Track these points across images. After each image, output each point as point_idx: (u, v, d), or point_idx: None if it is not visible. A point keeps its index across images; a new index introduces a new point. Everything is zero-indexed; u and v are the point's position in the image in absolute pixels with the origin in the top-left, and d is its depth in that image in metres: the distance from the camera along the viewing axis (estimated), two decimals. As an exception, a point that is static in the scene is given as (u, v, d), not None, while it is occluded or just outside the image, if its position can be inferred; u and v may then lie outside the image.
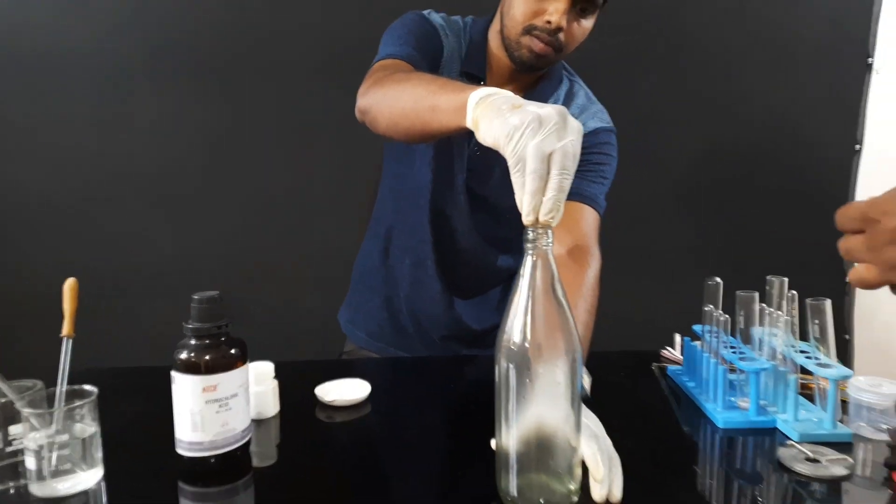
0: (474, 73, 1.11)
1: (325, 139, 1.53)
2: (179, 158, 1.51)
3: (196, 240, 1.53)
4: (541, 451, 0.61)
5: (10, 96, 1.45)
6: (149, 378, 0.96)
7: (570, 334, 0.60)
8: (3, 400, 0.67)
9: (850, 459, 0.71)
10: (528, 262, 0.60)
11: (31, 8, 1.43)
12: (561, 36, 1.02)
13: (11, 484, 0.68)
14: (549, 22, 1.00)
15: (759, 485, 0.70)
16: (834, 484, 0.68)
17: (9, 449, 0.68)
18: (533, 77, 1.12)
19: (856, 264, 0.58)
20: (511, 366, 0.60)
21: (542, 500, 0.61)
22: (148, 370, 0.96)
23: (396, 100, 0.86)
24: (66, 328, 0.70)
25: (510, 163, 0.60)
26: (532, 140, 0.58)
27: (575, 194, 1.09)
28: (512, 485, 0.61)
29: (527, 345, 0.59)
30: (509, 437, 0.61)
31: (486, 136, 0.64)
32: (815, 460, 0.71)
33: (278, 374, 0.87)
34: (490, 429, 0.64)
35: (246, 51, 1.49)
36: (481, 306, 1.22)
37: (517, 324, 0.60)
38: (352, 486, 0.70)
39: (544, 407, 0.60)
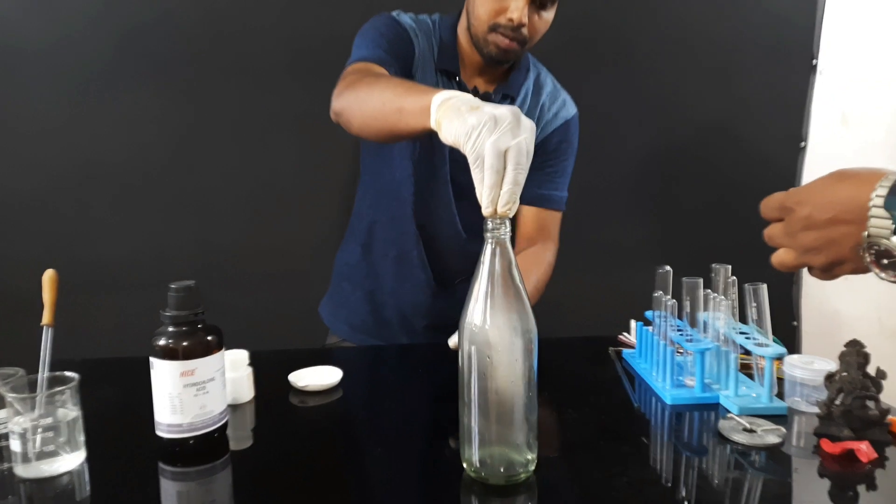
0: (449, 69, 1.17)
1: (296, 133, 1.56)
2: (153, 153, 1.52)
3: (169, 233, 1.55)
4: (500, 424, 0.66)
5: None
6: (126, 367, 0.99)
7: (526, 316, 0.65)
8: (-14, 387, 0.69)
9: (783, 430, 0.77)
10: (487, 249, 0.65)
11: (5, 6, 1.43)
12: (524, 30, 1.09)
13: (-5, 467, 0.70)
14: (511, 19, 1.07)
15: (701, 454, 0.76)
16: (769, 451, 0.75)
17: (-7, 433, 0.71)
18: (503, 68, 1.19)
19: (778, 249, 0.64)
20: (473, 347, 0.65)
21: (502, 469, 0.66)
22: (126, 360, 1.00)
23: (366, 102, 0.91)
24: (46, 317, 0.73)
25: (469, 159, 0.65)
26: (489, 138, 0.63)
27: (546, 201, 1.25)
28: (475, 456, 0.66)
29: (487, 326, 0.64)
30: (472, 413, 0.66)
31: (447, 136, 0.69)
32: (751, 430, 0.78)
33: (253, 362, 0.90)
34: (455, 410, 0.68)
35: (213, 46, 1.50)
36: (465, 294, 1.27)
37: (478, 307, 0.65)
38: (324, 466, 0.74)
39: (503, 384, 0.65)
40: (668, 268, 0.92)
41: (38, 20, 1.45)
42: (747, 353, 0.86)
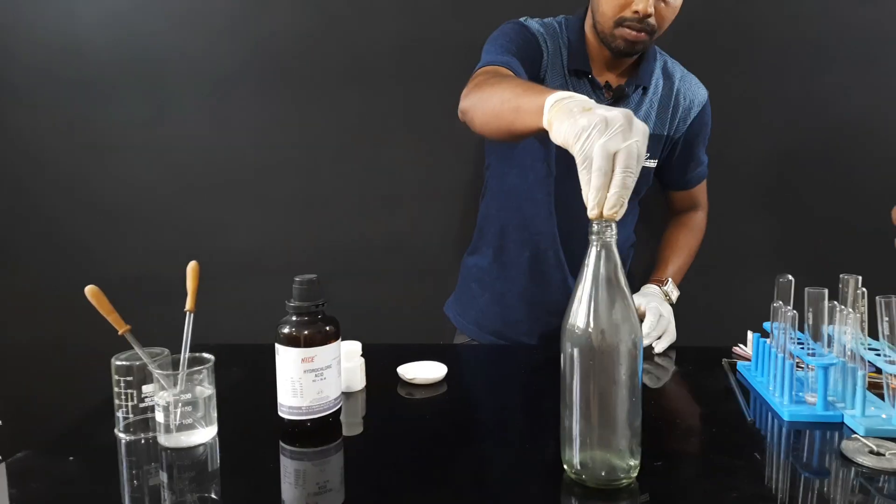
0: (580, 68, 1.20)
1: (408, 135, 1.62)
2: (278, 154, 1.64)
3: (293, 229, 1.66)
4: (602, 428, 0.66)
5: (123, 99, 1.63)
6: (253, 352, 1.08)
7: (630, 321, 0.65)
8: (138, 363, 0.79)
9: (916, 455, 0.72)
10: (592, 252, 0.65)
11: (152, 18, 1.60)
12: (651, 20, 1.10)
13: (143, 435, 0.80)
14: (636, 11, 1.09)
15: (821, 474, 0.72)
16: (898, 478, 0.69)
17: (142, 405, 0.80)
18: (632, 60, 1.21)
19: None
20: (575, 350, 0.65)
21: (603, 473, 0.66)
22: (253, 346, 1.09)
23: (488, 102, 0.95)
24: (189, 303, 0.81)
25: (577, 161, 0.65)
26: (598, 140, 0.63)
27: (694, 181, 1.37)
28: (575, 458, 0.67)
29: (590, 330, 0.64)
30: (573, 416, 0.66)
31: (556, 136, 0.70)
32: (879, 454, 0.72)
33: (365, 354, 0.96)
34: (557, 410, 0.69)
35: (332, 54, 1.59)
36: None
37: (582, 310, 0.65)
38: (428, 457, 0.77)
39: (605, 388, 0.65)
40: (789, 277, 0.88)
41: (180, 33, 1.60)
42: (878, 371, 0.80)
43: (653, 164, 1.26)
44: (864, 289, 0.82)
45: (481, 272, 1.35)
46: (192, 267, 0.82)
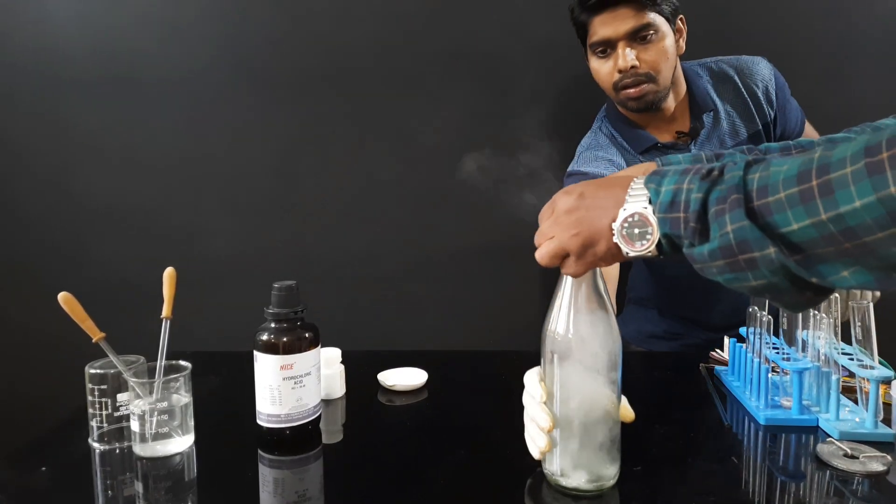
0: (646, 147, 1.23)
1: (391, 143, 1.62)
2: (257, 161, 1.63)
3: (272, 236, 1.64)
4: (582, 434, 0.66)
5: (98, 104, 1.61)
6: (231, 360, 1.07)
7: (610, 326, 0.65)
8: (113, 371, 0.77)
9: (889, 458, 0.73)
10: (572, 258, 0.65)
11: (127, 22, 1.58)
12: (640, 69, 1.13)
13: (117, 444, 0.78)
14: (620, 71, 1.13)
15: (796, 478, 0.73)
16: (872, 480, 0.70)
17: (116, 414, 0.78)
18: (680, 100, 1.24)
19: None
20: (555, 355, 0.66)
21: (583, 480, 0.66)
22: (231, 354, 1.08)
23: None
24: (166, 310, 0.80)
25: None
26: None
27: (802, 123, 1.30)
28: (556, 464, 0.67)
29: (570, 335, 0.65)
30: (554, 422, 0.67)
31: None
32: (853, 457, 0.73)
33: (345, 361, 0.95)
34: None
35: (314, 62, 1.59)
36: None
37: (561, 315, 0.65)
38: (409, 464, 0.77)
39: (586, 394, 0.65)
40: (764, 283, 0.89)
41: (156, 37, 1.59)
42: (852, 375, 0.82)
43: None
44: (836, 294, 0.84)
45: (638, 288, 1.45)
46: (168, 273, 0.81)
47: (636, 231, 0.58)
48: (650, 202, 0.58)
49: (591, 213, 0.61)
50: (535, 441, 0.68)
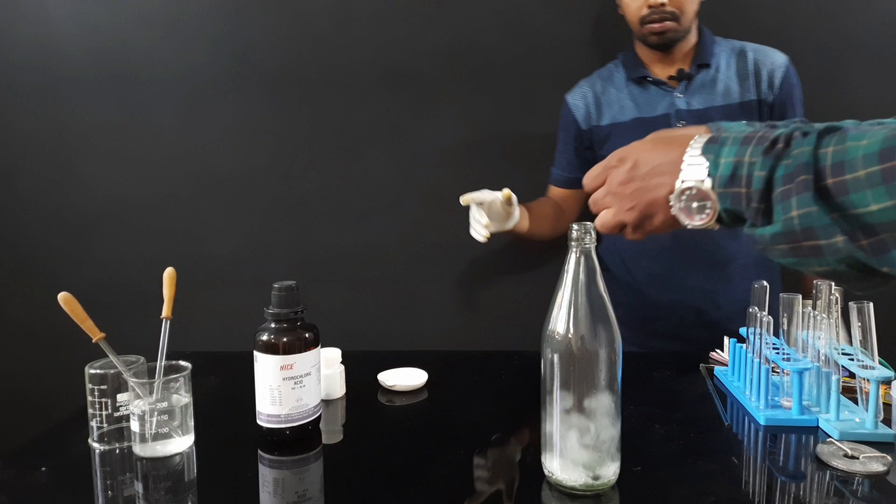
0: (638, 76, 1.33)
1: (389, 143, 1.62)
2: (257, 161, 1.63)
3: (272, 236, 1.64)
4: (582, 434, 0.66)
5: (98, 104, 1.61)
6: (231, 361, 1.07)
7: (610, 326, 0.65)
8: (112, 371, 0.77)
9: (889, 458, 0.73)
10: (571, 258, 0.65)
11: (127, 23, 1.58)
12: (668, 7, 1.22)
13: (117, 445, 0.78)
14: (650, 5, 1.23)
15: (796, 478, 0.73)
16: (872, 480, 0.70)
17: (116, 414, 0.78)
18: (688, 48, 1.32)
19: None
20: (555, 355, 0.66)
21: (583, 479, 0.66)
22: (230, 354, 1.07)
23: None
24: (166, 311, 0.80)
25: None
26: None
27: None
28: (556, 464, 0.67)
29: (570, 336, 0.65)
30: (553, 422, 0.67)
31: None
32: (853, 457, 0.73)
33: (345, 361, 0.95)
34: (537, 416, 0.69)
35: (313, 62, 1.59)
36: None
37: (561, 316, 0.65)
38: (408, 464, 0.77)
39: (585, 393, 0.65)
40: (764, 283, 0.89)
41: (156, 38, 1.59)
42: (852, 375, 0.82)
43: None
44: (837, 294, 0.84)
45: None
46: (168, 274, 0.81)
47: (695, 205, 0.56)
48: (709, 175, 0.55)
49: (647, 183, 0.59)
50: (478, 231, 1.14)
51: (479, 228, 1.20)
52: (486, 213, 1.21)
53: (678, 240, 1.28)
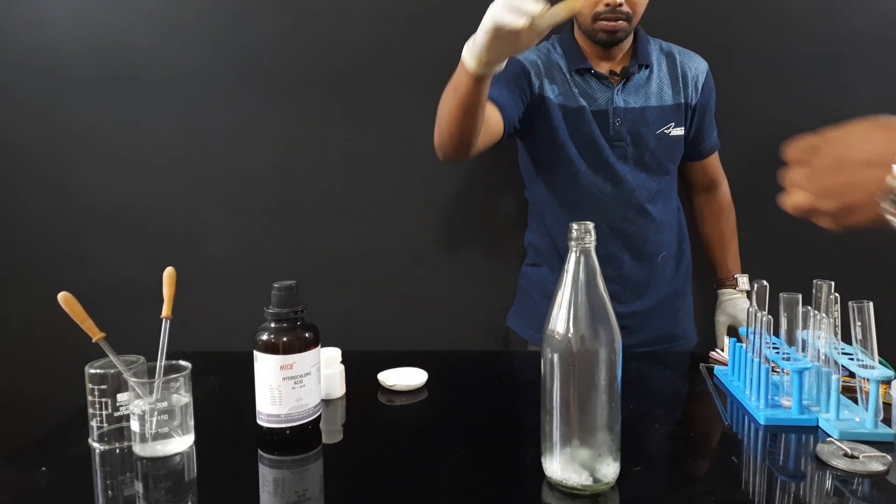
0: (581, 67, 1.30)
1: (392, 143, 1.62)
2: (257, 160, 1.63)
3: (272, 235, 1.64)
4: (582, 433, 0.66)
5: (97, 104, 1.61)
6: (231, 360, 1.07)
7: (610, 325, 0.65)
8: (112, 371, 0.77)
9: (889, 458, 0.73)
10: (571, 257, 0.66)
11: (127, 23, 1.58)
12: (624, 8, 1.21)
13: (117, 445, 0.78)
14: (607, 4, 1.21)
15: (796, 478, 0.73)
16: (872, 479, 0.70)
17: (116, 414, 0.78)
18: (627, 47, 1.32)
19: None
20: (555, 355, 0.66)
21: (583, 478, 0.66)
22: (231, 354, 1.07)
23: (440, 116, 1.10)
24: (166, 311, 0.80)
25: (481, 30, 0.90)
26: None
27: (712, 148, 1.43)
28: (556, 463, 0.67)
29: (570, 335, 0.65)
30: (553, 421, 0.67)
31: (469, 55, 0.97)
32: (853, 456, 0.73)
33: (345, 361, 0.95)
34: (537, 416, 0.69)
35: (315, 61, 1.59)
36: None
37: (561, 316, 0.65)
38: (408, 464, 0.77)
39: (585, 393, 0.65)
40: (764, 282, 0.89)
41: (157, 38, 1.59)
42: (852, 375, 0.82)
43: (681, 131, 1.33)
44: (836, 294, 0.84)
45: (543, 282, 1.40)
46: (168, 273, 0.81)
47: None
48: None
49: (854, 179, 0.55)
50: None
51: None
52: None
53: (611, 226, 1.31)
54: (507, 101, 1.24)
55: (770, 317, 0.86)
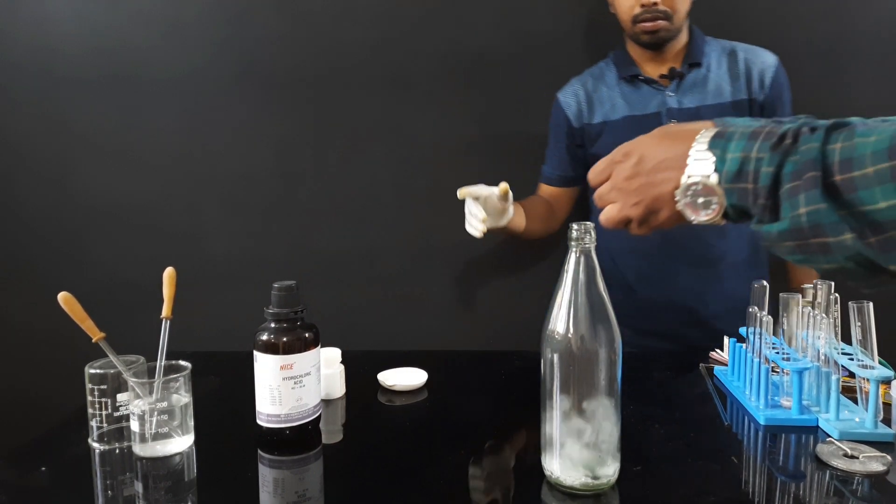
0: (629, 74, 1.34)
1: (390, 143, 1.62)
2: (257, 161, 1.63)
3: (272, 236, 1.64)
4: (581, 433, 0.66)
5: (98, 104, 1.61)
6: (231, 361, 1.07)
7: (610, 326, 0.65)
8: (112, 371, 0.77)
9: (889, 458, 0.73)
10: (571, 257, 0.66)
11: (128, 23, 1.58)
12: (661, 7, 1.22)
13: (117, 445, 0.78)
14: (643, 4, 1.23)
15: (796, 478, 0.73)
16: (872, 480, 0.70)
17: (116, 414, 0.78)
18: (679, 47, 1.32)
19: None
20: (555, 355, 0.66)
21: (582, 479, 0.66)
22: (230, 354, 1.07)
23: None
24: (166, 310, 0.80)
25: None
26: None
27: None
28: (555, 464, 0.67)
29: (570, 336, 0.65)
30: (553, 421, 0.67)
31: None
32: (853, 457, 0.73)
33: (344, 361, 0.95)
34: (537, 416, 0.69)
35: (314, 62, 1.59)
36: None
37: (561, 316, 0.65)
38: (408, 464, 0.77)
39: (585, 393, 0.65)
40: (764, 282, 0.89)
41: (157, 38, 1.59)
42: (851, 375, 0.82)
43: None
44: (836, 294, 0.84)
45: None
46: (168, 273, 0.81)
47: (700, 200, 0.56)
48: (715, 170, 0.54)
49: (653, 178, 0.59)
50: (474, 225, 1.13)
51: (476, 223, 1.19)
52: (482, 207, 1.19)
53: (667, 239, 1.27)
54: (556, 167, 1.43)
55: (770, 317, 0.86)
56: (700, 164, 0.55)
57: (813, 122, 0.53)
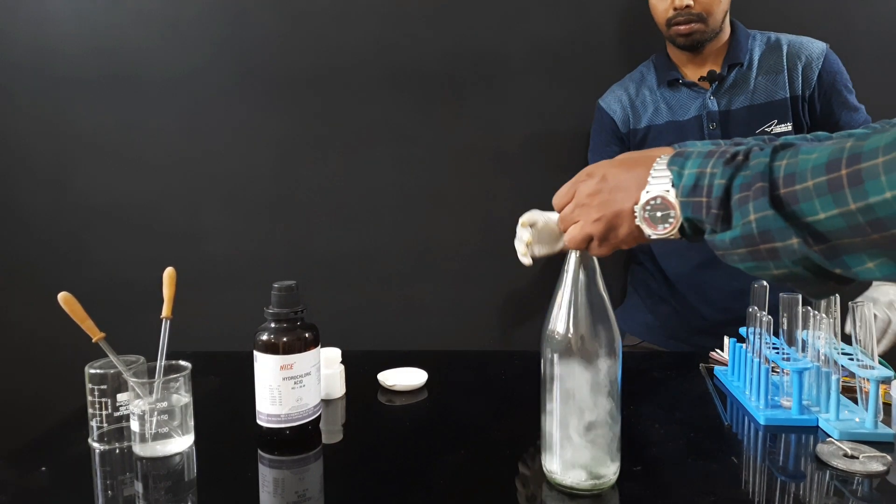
0: (669, 79, 1.34)
1: (390, 144, 1.62)
2: (257, 161, 1.63)
3: (272, 236, 1.64)
4: (581, 434, 0.66)
5: (98, 104, 1.61)
6: (231, 360, 1.07)
7: (610, 325, 0.65)
8: (112, 371, 0.77)
9: (889, 458, 0.73)
10: (571, 257, 0.66)
11: (128, 24, 1.58)
12: (694, 9, 1.22)
13: (117, 445, 0.78)
14: (675, 7, 1.23)
15: (796, 478, 0.73)
16: (872, 480, 0.70)
17: (116, 414, 0.78)
18: (719, 46, 1.32)
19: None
20: (555, 355, 0.66)
21: (583, 479, 0.66)
22: (230, 354, 1.07)
23: None
24: (166, 310, 0.80)
25: None
26: None
27: (856, 123, 1.30)
28: (556, 464, 0.67)
29: (570, 335, 0.65)
30: (553, 421, 0.67)
31: None
32: (853, 457, 0.73)
33: (344, 361, 0.95)
34: (537, 416, 0.69)
35: (314, 63, 1.59)
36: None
37: (561, 315, 0.65)
38: (408, 465, 0.77)
39: (586, 393, 0.65)
40: (764, 283, 0.89)
41: (157, 39, 1.59)
42: (852, 375, 0.82)
43: (786, 127, 1.28)
44: (836, 294, 0.84)
45: (648, 281, 1.45)
46: (168, 273, 0.81)
47: (658, 214, 0.58)
48: (673, 185, 0.57)
49: (614, 195, 0.61)
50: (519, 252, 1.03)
51: (520, 248, 1.06)
52: (536, 234, 1.07)
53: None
54: None
55: (770, 317, 0.86)
56: (659, 181, 0.58)
57: (764, 144, 0.57)
